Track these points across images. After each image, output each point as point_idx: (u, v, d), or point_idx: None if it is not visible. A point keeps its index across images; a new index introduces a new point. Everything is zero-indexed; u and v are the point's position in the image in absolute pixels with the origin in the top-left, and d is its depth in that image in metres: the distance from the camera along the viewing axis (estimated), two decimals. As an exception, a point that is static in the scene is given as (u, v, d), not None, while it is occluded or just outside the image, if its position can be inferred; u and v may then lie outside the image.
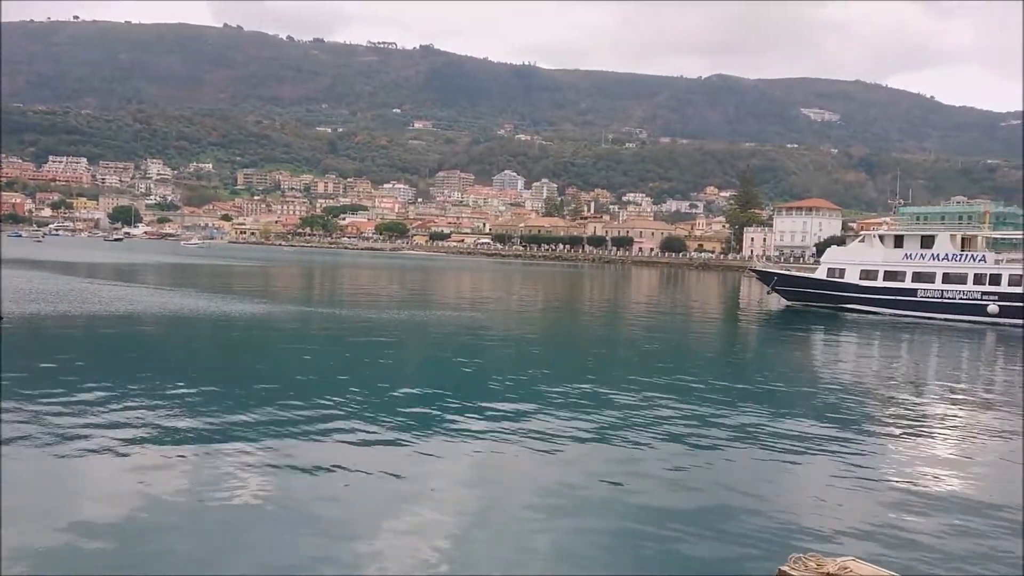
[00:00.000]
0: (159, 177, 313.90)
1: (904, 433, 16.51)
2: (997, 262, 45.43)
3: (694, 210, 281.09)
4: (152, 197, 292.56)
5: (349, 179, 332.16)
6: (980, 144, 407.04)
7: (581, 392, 19.18)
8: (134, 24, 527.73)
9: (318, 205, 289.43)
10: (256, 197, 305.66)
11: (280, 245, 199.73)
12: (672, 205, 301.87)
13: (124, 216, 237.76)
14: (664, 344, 33.26)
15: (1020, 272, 44.06)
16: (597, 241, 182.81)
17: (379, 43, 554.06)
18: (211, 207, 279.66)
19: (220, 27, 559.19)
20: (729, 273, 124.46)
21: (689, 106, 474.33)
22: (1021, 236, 50.32)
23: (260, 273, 74.16)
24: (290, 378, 19.37)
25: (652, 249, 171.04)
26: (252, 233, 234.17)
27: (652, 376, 22.36)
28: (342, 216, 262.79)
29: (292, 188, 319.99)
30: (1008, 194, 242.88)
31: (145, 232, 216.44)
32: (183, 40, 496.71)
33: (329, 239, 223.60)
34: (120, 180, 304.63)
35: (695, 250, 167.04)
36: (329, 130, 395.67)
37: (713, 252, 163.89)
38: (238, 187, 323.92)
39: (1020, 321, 42.87)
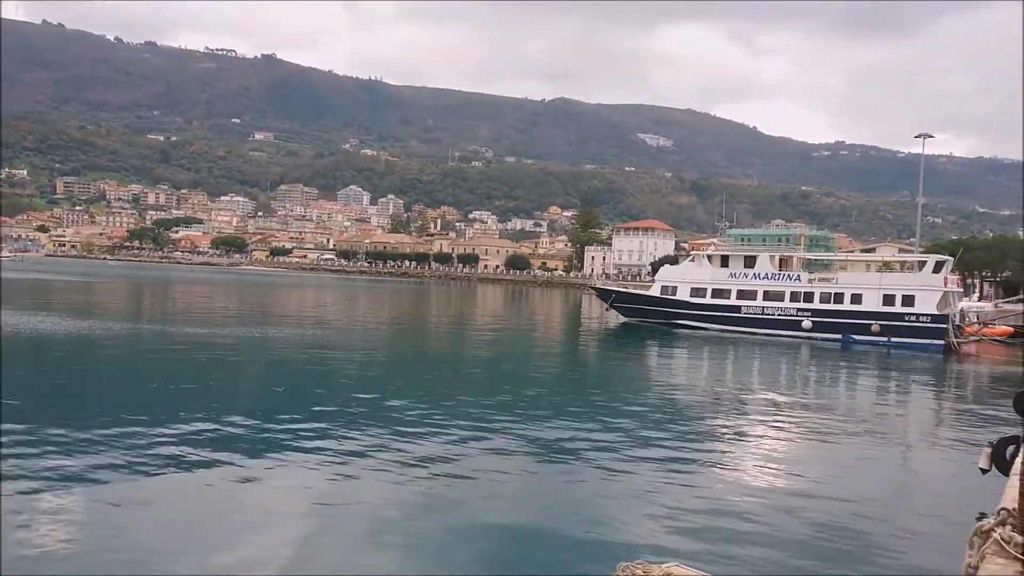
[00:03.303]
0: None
1: (728, 440, 17.51)
2: (810, 281, 49.38)
3: (538, 229, 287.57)
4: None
5: (183, 190, 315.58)
6: (796, 172, 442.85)
7: (422, 410, 19.04)
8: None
9: (148, 217, 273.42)
10: (78, 207, 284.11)
11: (105, 259, 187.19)
12: (517, 223, 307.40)
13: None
14: (507, 360, 33.70)
15: (830, 290, 48.12)
16: (443, 258, 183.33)
17: (217, 50, 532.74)
18: (25, 217, 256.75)
19: (38, 24, 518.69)
20: (571, 290, 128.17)
21: (534, 127, 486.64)
22: (831, 257, 55.02)
23: (81, 288, 69.00)
24: (109, 401, 18.05)
25: (498, 267, 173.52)
26: (73, 246, 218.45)
27: (493, 391, 22.56)
28: (175, 229, 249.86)
29: (119, 199, 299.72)
30: (820, 218, 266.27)
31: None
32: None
33: (160, 253, 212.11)
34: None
35: (539, 268, 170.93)
36: (161, 138, 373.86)
37: (556, 270, 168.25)
38: (57, 196, 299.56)
39: (830, 335, 46.82)
